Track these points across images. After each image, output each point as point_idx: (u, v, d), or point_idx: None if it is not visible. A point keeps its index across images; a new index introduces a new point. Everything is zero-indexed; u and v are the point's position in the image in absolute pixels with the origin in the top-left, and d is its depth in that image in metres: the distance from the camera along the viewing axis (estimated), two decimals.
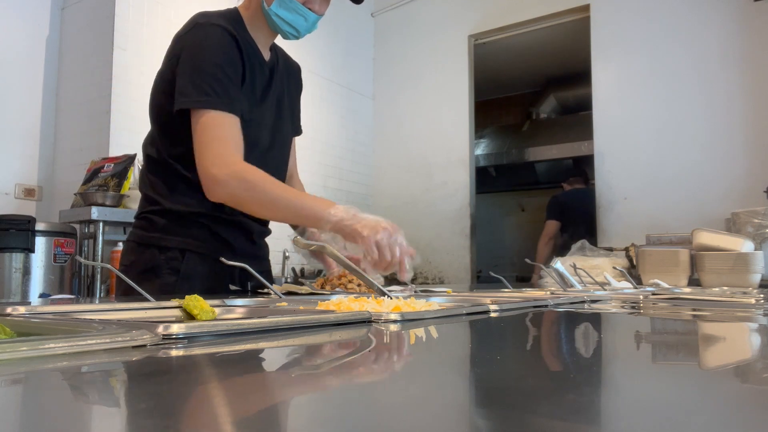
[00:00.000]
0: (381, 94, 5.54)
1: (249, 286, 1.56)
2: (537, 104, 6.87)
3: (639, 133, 4.14)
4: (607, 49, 4.36)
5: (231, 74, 1.39)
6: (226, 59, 1.39)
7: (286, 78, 1.64)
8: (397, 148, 5.38)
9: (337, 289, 1.36)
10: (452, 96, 5.09)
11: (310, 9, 1.43)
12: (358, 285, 1.40)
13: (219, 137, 1.35)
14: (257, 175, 1.35)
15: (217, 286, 1.48)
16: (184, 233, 1.45)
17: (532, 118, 6.83)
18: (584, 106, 5.43)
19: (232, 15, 1.49)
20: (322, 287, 1.41)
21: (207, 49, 1.38)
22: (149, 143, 1.52)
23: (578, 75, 5.74)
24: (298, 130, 1.75)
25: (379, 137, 5.50)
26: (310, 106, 4.79)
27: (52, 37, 3.81)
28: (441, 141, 5.10)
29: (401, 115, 5.38)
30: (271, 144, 1.56)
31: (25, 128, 3.66)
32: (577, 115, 6.25)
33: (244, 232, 1.55)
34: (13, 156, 3.59)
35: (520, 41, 5.26)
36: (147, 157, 1.53)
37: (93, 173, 3.27)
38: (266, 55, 1.55)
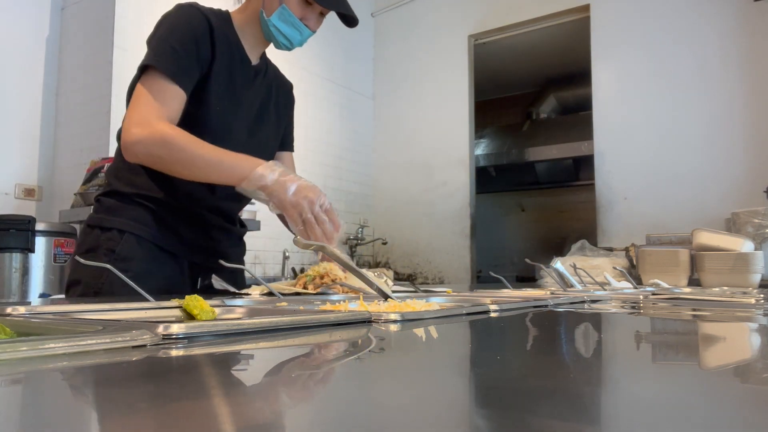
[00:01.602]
0: (381, 94, 5.54)
1: (199, 285, 1.53)
2: (537, 104, 6.87)
3: (639, 133, 4.14)
4: (607, 49, 4.36)
5: (190, 48, 1.39)
6: (190, 34, 1.40)
7: (274, 90, 1.67)
8: (397, 148, 5.38)
9: (319, 289, 1.34)
10: (452, 96, 5.09)
11: (306, 25, 1.50)
12: (342, 284, 1.38)
13: (150, 102, 1.33)
14: (178, 133, 1.31)
15: (157, 274, 1.43)
16: (126, 214, 1.43)
17: (532, 118, 6.83)
18: (584, 106, 5.43)
19: (221, 13, 1.54)
20: (305, 287, 1.38)
21: (176, 23, 1.41)
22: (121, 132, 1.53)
23: (578, 75, 5.74)
24: (287, 146, 1.77)
25: (379, 137, 5.50)
26: (310, 106, 4.79)
27: (52, 37, 3.81)
28: (441, 141, 5.10)
29: (401, 115, 5.38)
30: (247, 141, 1.55)
31: (25, 128, 3.66)
32: (577, 115, 6.25)
33: (199, 224, 1.51)
34: (13, 156, 3.59)
35: (520, 41, 5.26)
36: (118, 143, 1.52)
37: (93, 173, 3.27)
38: (253, 59, 1.58)
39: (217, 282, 1.46)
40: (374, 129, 5.53)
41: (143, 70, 1.37)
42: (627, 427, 0.33)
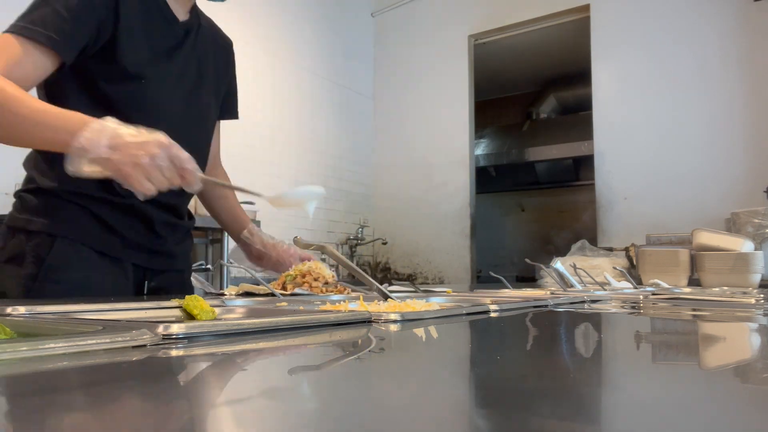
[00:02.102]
0: (381, 94, 5.54)
1: (146, 288, 1.36)
2: (537, 104, 6.87)
3: (639, 133, 4.14)
4: (607, 49, 4.36)
5: (74, 6, 1.14)
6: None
7: (211, 48, 1.44)
8: (397, 148, 5.38)
9: (297, 289, 1.33)
10: (452, 96, 5.09)
11: None
12: (324, 284, 1.37)
13: None
14: (5, 88, 1.04)
15: (98, 283, 1.23)
16: (55, 215, 1.21)
17: (532, 118, 6.83)
18: (584, 106, 5.43)
19: None
20: (284, 287, 1.36)
21: None
22: None
23: (578, 75, 5.75)
24: (231, 112, 1.56)
25: (379, 137, 5.50)
26: (310, 106, 4.79)
27: None
28: (441, 141, 5.11)
29: (401, 115, 5.38)
30: (185, 113, 1.35)
31: None
32: (577, 115, 6.25)
33: (142, 220, 1.30)
34: (13, 156, 3.58)
35: (520, 41, 5.26)
36: None
37: None
38: (180, 15, 1.35)
39: (196, 281, 1.42)
40: (374, 129, 5.53)
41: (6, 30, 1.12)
42: (627, 427, 0.33)
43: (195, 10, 1.40)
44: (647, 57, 4.16)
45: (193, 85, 1.37)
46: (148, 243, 1.33)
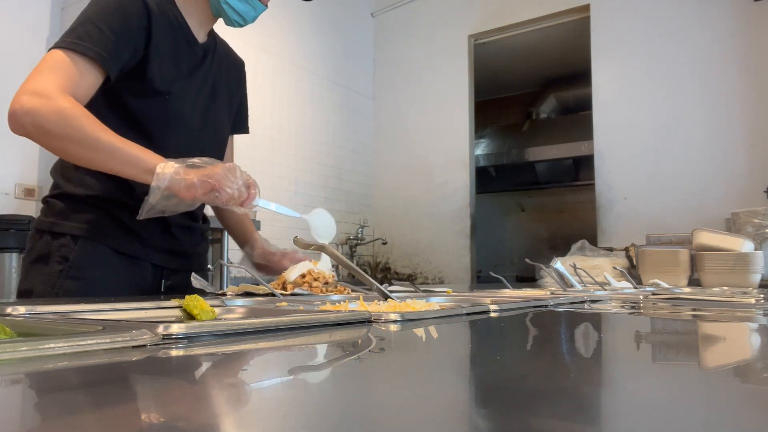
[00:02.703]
0: (381, 94, 5.54)
1: (163, 287, 1.44)
2: (537, 104, 6.87)
3: (639, 133, 4.14)
4: (607, 49, 4.36)
5: (120, 30, 1.25)
6: (118, 12, 1.26)
7: (225, 68, 1.56)
8: (397, 148, 5.38)
9: (297, 289, 1.33)
10: (452, 96, 5.09)
11: (260, 0, 1.42)
12: (324, 284, 1.38)
13: (53, 73, 1.16)
14: (80, 110, 1.15)
15: (118, 280, 1.33)
16: (79, 218, 1.31)
17: (532, 118, 6.83)
18: (584, 106, 5.43)
19: None
20: (284, 287, 1.37)
21: (102, 2, 1.27)
22: None
23: (578, 75, 5.75)
24: (242, 127, 1.67)
25: (379, 137, 5.50)
26: (310, 106, 4.79)
27: (52, 37, 3.81)
28: (441, 141, 5.10)
29: (401, 115, 5.38)
30: (202, 126, 1.46)
31: None
32: (577, 115, 6.25)
33: (160, 223, 1.39)
34: (13, 156, 3.59)
35: (520, 41, 5.26)
36: None
37: None
38: (200, 37, 1.47)
39: (196, 281, 1.42)
40: (374, 129, 5.53)
41: (52, 47, 1.21)
42: (627, 427, 0.33)
43: (212, 33, 1.53)
44: (647, 57, 4.16)
45: (208, 102, 1.48)
46: (165, 244, 1.42)
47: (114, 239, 1.33)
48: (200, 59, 1.46)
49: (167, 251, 1.43)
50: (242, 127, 1.67)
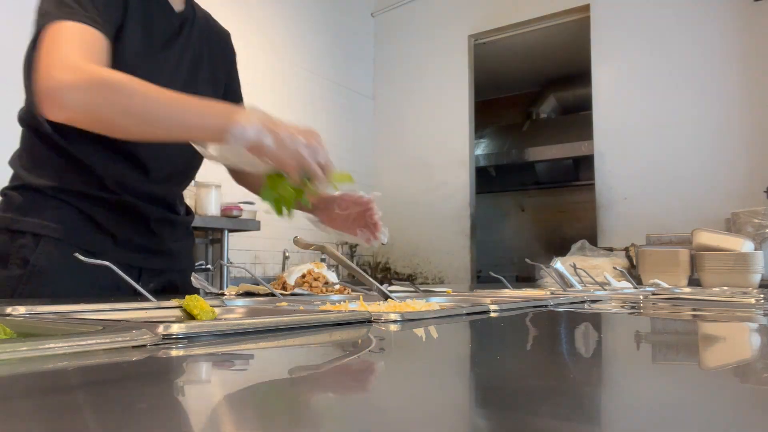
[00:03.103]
0: (381, 94, 5.54)
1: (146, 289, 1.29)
2: (537, 104, 6.88)
3: (639, 133, 4.14)
4: (607, 49, 4.36)
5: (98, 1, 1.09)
6: None
7: (206, 39, 1.38)
8: (397, 148, 5.38)
9: (297, 289, 1.33)
10: (452, 96, 5.09)
11: None
12: (324, 284, 1.38)
13: (70, 41, 1.01)
14: (122, 76, 0.99)
15: (86, 286, 1.14)
16: (41, 214, 1.14)
17: (532, 118, 6.83)
18: (584, 106, 5.43)
19: None
20: (284, 287, 1.37)
21: None
22: (24, 111, 1.28)
23: (578, 75, 5.75)
24: (234, 98, 1.46)
25: (379, 137, 5.50)
26: (310, 106, 4.79)
27: None
28: (441, 141, 5.11)
29: (401, 115, 5.38)
30: None
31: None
32: (577, 115, 6.25)
33: (135, 217, 1.23)
34: (9, 156, 3.58)
35: (520, 41, 5.26)
36: (24, 127, 1.28)
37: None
38: (176, 5, 1.30)
39: (196, 281, 1.40)
40: (374, 129, 5.53)
41: (44, 23, 1.05)
42: (627, 427, 0.33)
43: (190, 2, 1.35)
44: (647, 57, 4.16)
45: (188, 76, 1.30)
46: (143, 242, 1.26)
47: (80, 238, 1.15)
48: (177, 29, 1.28)
49: (145, 250, 1.26)
50: (234, 98, 1.45)
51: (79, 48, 1.01)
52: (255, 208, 3.70)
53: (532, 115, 6.87)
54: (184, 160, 1.32)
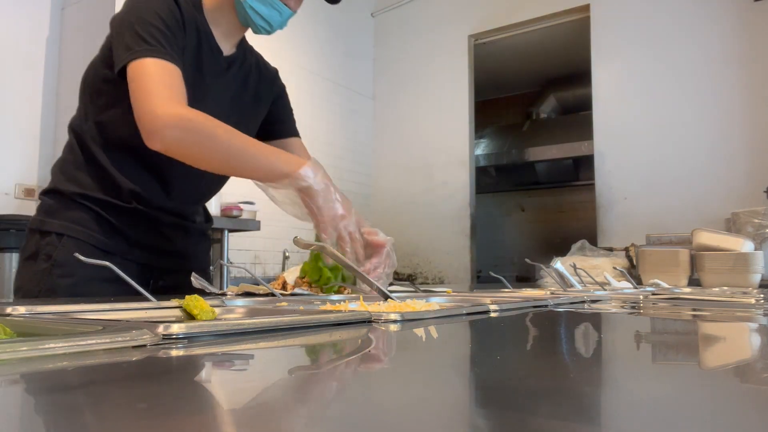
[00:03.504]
0: (381, 94, 5.54)
1: (151, 287, 1.38)
2: (537, 104, 6.88)
3: (639, 133, 4.14)
4: (607, 49, 4.36)
5: (174, 28, 1.26)
6: (168, 12, 1.26)
7: (253, 80, 1.53)
8: (397, 148, 5.38)
9: (296, 289, 1.33)
10: (452, 96, 5.09)
11: (285, 4, 1.36)
12: (324, 284, 1.37)
13: (165, 83, 1.19)
14: (209, 120, 1.18)
15: (102, 279, 1.26)
16: (65, 216, 1.31)
17: (532, 118, 6.83)
18: (584, 106, 5.43)
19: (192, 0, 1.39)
20: (284, 287, 1.37)
21: (147, 3, 1.26)
22: (75, 119, 1.41)
23: (578, 75, 5.75)
24: (288, 132, 1.63)
25: (379, 137, 5.50)
26: (310, 106, 4.79)
27: (52, 37, 3.81)
28: (441, 141, 5.11)
29: (401, 115, 5.38)
30: None
31: (25, 128, 3.66)
32: (577, 115, 6.25)
33: (148, 223, 1.37)
34: (13, 156, 3.59)
35: (520, 41, 5.26)
36: (71, 135, 1.41)
37: None
38: (226, 48, 1.44)
39: (196, 281, 1.41)
40: (374, 129, 5.53)
41: (131, 59, 1.21)
42: (627, 427, 0.33)
43: (242, 44, 1.50)
44: (647, 57, 4.16)
45: (227, 112, 1.42)
46: (154, 242, 1.38)
47: (97, 237, 1.31)
48: (223, 70, 1.43)
49: (156, 250, 1.39)
50: (288, 131, 1.62)
51: (166, 87, 1.19)
52: (255, 208, 3.71)
53: (532, 115, 6.87)
54: (206, 185, 1.49)
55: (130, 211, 1.33)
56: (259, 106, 1.56)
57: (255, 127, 1.56)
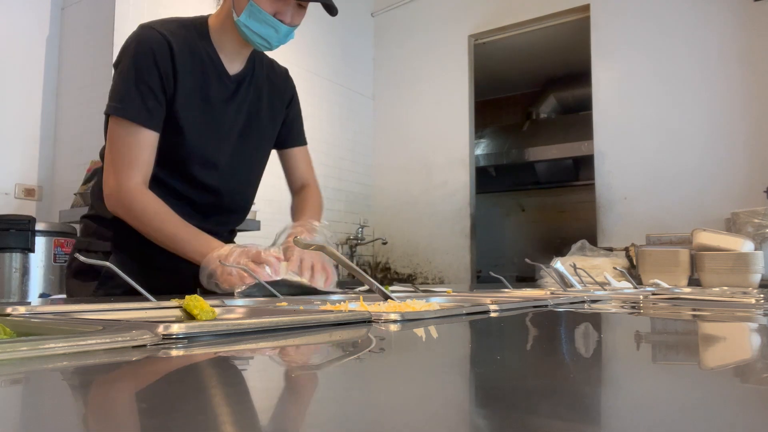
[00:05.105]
0: (381, 94, 5.54)
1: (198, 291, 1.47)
2: (537, 104, 6.87)
3: (639, 133, 4.14)
4: (607, 49, 4.36)
5: (150, 82, 1.34)
6: (146, 65, 1.34)
7: (266, 90, 1.59)
8: (397, 148, 5.38)
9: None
10: (452, 96, 5.09)
11: (281, 21, 1.36)
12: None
13: (120, 153, 1.35)
14: (143, 203, 1.35)
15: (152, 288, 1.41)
16: (111, 238, 1.47)
17: (532, 118, 6.83)
18: (584, 106, 5.43)
19: (195, 23, 1.45)
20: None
21: (130, 53, 1.36)
22: (102, 150, 1.52)
23: (578, 75, 5.75)
24: (296, 141, 1.75)
25: (379, 137, 5.50)
26: (310, 106, 4.79)
27: (52, 37, 3.81)
28: (441, 141, 5.10)
29: (401, 115, 5.38)
30: (232, 159, 1.51)
31: (25, 128, 3.66)
32: (577, 115, 6.25)
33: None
34: (13, 156, 3.59)
35: (520, 41, 5.26)
36: (102, 161, 1.53)
37: (93, 173, 3.27)
38: (233, 67, 1.49)
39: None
40: (374, 129, 5.53)
41: (108, 112, 1.38)
42: (627, 427, 0.33)
43: (254, 57, 1.55)
44: (647, 57, 4.16)
45: (243, 130, 1.53)
46: (168, 263, 1.45)
47: (141, 254, 1.43)
48: (232, 92, 1.49)
49: (173, 270, 1.45)
50: (295, 140, 1.75)
51: (126, 159, 1.35)
52: (255, 208, 3.70)
53: (532, 115, 6.86)
54: (235, 218, 1.68)
55: None
56: (276, 118, 1.64)
57: (275, 134, 1.67)
